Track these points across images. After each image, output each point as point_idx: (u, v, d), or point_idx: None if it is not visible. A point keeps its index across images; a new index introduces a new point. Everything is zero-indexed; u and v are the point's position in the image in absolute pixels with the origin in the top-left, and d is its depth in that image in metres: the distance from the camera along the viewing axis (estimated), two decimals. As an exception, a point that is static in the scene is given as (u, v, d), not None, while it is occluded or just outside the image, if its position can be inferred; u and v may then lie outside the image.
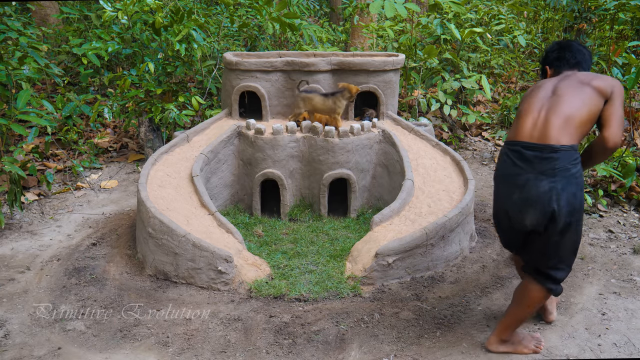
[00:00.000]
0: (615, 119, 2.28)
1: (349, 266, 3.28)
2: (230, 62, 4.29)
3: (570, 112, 2.28)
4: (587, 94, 2.31)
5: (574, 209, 2.24)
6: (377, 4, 4.95)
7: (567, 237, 2.29)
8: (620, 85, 2.34)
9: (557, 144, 2.24)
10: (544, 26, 8.19)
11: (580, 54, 2.52)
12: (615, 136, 2.26)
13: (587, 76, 2.38)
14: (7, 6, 5.52)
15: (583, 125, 2.28)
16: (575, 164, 2.24)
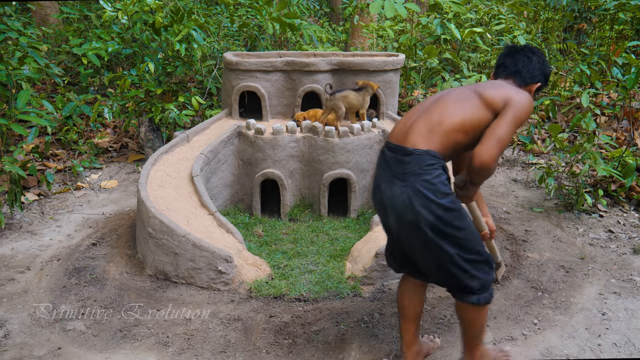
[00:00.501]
0: (492, 136, 2.04)
1: (349, 266, 3.28)
2: (230, 62, 4.30)
3: (439, 119, 2.12)
4: (471, 103, 2.13)
5: (435, 217, 2.03)
6: (377, 4, 4.95)
7: (445, 248, 2.07)
8: (523, 104, 2.10)
9: (412, 147, 2.09)
10: (544, 26, 8.19)
11: (525, 61, 2.31)
12: (483, 155, 2.02)
13: (489, 86, 2.20)
14: (7, 6, 5.52)
15: (452, 133, 2.10)
16: (428, 171, 2.05)
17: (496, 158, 2.04)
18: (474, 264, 2.12)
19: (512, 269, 3.39)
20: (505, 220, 4.17)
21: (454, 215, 2.07)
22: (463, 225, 2.09)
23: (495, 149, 2.03)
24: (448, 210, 2.05)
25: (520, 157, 5.66)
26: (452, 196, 2.08)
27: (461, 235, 2.08)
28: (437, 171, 2.07)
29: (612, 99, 6.51)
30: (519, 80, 2.31)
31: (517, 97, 2.11)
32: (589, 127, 4.24)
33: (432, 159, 2.07)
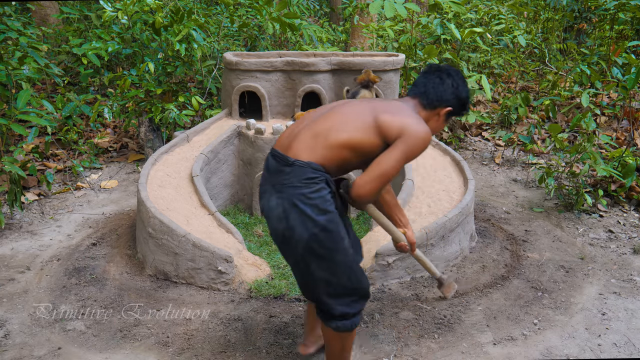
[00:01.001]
0: (376, 169, 1.95)
1: (349, 266, 3.28)
2: (230, 62, 4.30)
3: (326, 132, 2.00)
4: (363, 124, 2.01)
5: (310, 234, 1.92)
6: (377, 4, 4.95)
7: (314, 266, 1.97)
8: (417, 139, 1.98)
9: (293, 157, 1.97)
10: (544, 26, 8.19)
11: (436, 82, 2.17)
12: (362, 188, 1.95)
13: (388, 108, 2.06)
14: (7, 6, 5.52)
15: (338, 149, 1.98)
16: (308, 184, 1.93)
17: (376, 192, 1.97)
18: (339, 290, 2.02)
19: (512, 269, 3.39)
20: (505, 220, 4.17)
21: (329, 237, 1.95)
22: (336, 247, 1.97)
23: (376, 184, 1.96)
24: (324, 229, 1.93)
25: (520, 157, 5.66)
26: (332, 215, 1.95)
27: (332, 258, 1.97)
28: (317, 185, 1.95)
29: (612, 99, 6.52)
30: (424, 102, 2.17)
31: (412, 130, 1.99)
32: (589, 127, 4.24)
33: (314, 172, 1.95)
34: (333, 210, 1.97)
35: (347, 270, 2.02)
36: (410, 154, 1.99)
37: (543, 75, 7.17)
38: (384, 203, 2.37)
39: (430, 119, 2.19)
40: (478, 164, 5.52)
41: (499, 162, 5.54)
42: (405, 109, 2.09)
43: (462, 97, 2.19)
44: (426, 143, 2.02)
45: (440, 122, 2.21)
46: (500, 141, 6.06)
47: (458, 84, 2.18)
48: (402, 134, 1.98)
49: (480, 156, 5.74)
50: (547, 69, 6.88)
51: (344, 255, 2.00)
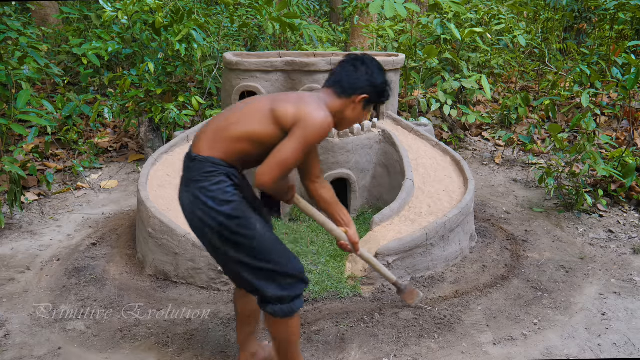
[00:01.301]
0: (275, 157, 1.97)
1: (349, 266, 3.28)
2: (230, 62, 4.29)
3: (226, 126, 2.06)
4: (261, 115, 2.05)
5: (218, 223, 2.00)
6: (377, 4, 4.95)
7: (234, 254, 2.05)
8: (313, 125, 1.99)
9: (196, 153, 2.06)
10: (544, 26, 8.19)
11: (350, 70, 2.19)
12: (262, 176, 1.97)
13: (286, 98, 2.09)
14: (7, 6, 5.52)
15: (236, 142, 2.03)
16: (207, 177, 2.01)
17: (277, 180, 1.99)
18: (266, 274, 2.07)
19: (512, 269, 3.39)
20: (505, 220, 4.17)
21: (238, 223, 2.01)
22: (250, 233, 2.03)
23: (275, 172, 1.97)
24: (230, 217, 2.00)
25: (520, 157, 5.66)
26: (235, 204, 2.01)
27: (249, 243, 2.03)
28: (216, 178, 2.02)
29: (612, 99, 6.52)
30: (339, 91, 2.18)
31: (309, 117, 2.00)
32: (589, 127, 4.24)
33: (213, 166, 2.02)
34: (235, 200, 2.03)
35: (268, 254, 2.06)
36: (308, 141, 2.00)
37: (543, 75, 7.17)
38: (321, 200, 2.41)
39: (347, 107, 2.20)
40: (478, 164, 5.52)
41: (499, 162, 5.55)
42: (306, 97, 2.11)
43: (377, 84, 2.21)
44: (324, 129, 2.02)
45: (358, 110, 2.22)
46: (500, 141, 6.06)
47: (372, 71, 2.20)
48: (298, 121, 2.00)
49: (480, 156, 5.74)
50: (547, 69, 6.88)
51: (260, 240, 2.05)
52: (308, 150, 2.03)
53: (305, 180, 2.40)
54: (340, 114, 2.20)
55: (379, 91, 2.24)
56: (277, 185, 2.01)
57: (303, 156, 2.02)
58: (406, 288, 2.90)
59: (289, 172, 2.03)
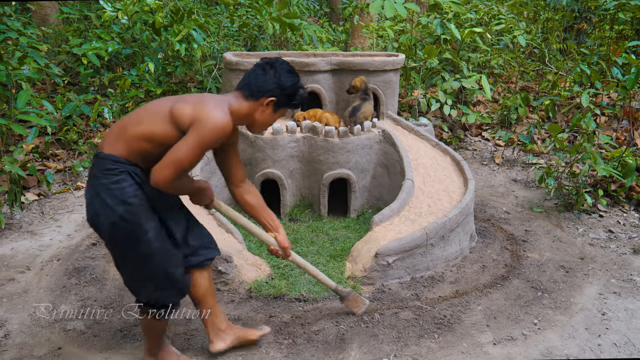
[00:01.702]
0: (170, 156, 2.00)
1: (349, 266, 3.28)
2: (230, 62, 4.29)
3: (127, 125, 2.09)
4: (160, 115, 2.08)
5: (111, 223, 2.04)
6: (377, 4, 4.95)
7: (118, 252, 2.13)
8: (208, 126, 2.01)
9: (101, 150, 2.09)
10: (544, 26, 8.19)
11: (258, 73, 2.21)
12: (156, 176, 2.00)
13: (186, 99, 2.13)
14: (7, 6, 5.52)
15: (136, 141, 2.06)
16: (107, 175, 2.04)
17: (170, 179, 2.01)
18: (145, 280, 2.17)
19: (512, 269, 3.39)
20: (505, 220, 4.17)
21: (129, 227, 2.05)
22: (137, 240, 2.08)
23: (169, 171, 1.99)
24: (122, 219, 2.04)
25: (520, 157, 5.66)
26: (132, 207, 2.04)
27: (134, 248, 2.09)
28: (116, 177, 2.04)
29: (612, 99, 6.52)
30: (246, 93, 2.20)
31: (205, 117, 2.02)
32: (589, 127, 4.24)
33: (113, 163, 2.05)
34: (133, 202, 2.05)
35: (150, 262, 2.14)
36: (203, 141, 2.02)
37: (543, 75, 7.17)
38: (247, 205, 2.44)
39: (256, 110, 2.22)
40: (478, 164, 5.52)
41: (499, 162, 5.55)
42: (206, 98, 2.13)
43: (285, 86, 2.21)
44: (219, 130, 2.04)
45: (267, 113, 2.23)
46: (500, 141, 6.06)
47: (280, 74, 2.21)
48: (195, 121, 2.03)
49: (480, 156, 5.74)
50: (547, 69, 6.88)
51: (146, 247, 2.10)
52: (204, 151, 2.05)
53: (229, 184, 2.44)
54: (250, 117, 2.22)
55: (287, 94, 2.23)
56: (173, 184, 2.04)
57: (199, 157, 2.05)
58: (349, 295, 2.80)
59: (183, 172, 2.05)
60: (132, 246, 2.10)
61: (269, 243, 2.51)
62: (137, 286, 2.22)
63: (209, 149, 2.08)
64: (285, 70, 2.23)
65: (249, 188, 2.46)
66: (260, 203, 2.48)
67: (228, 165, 2.39)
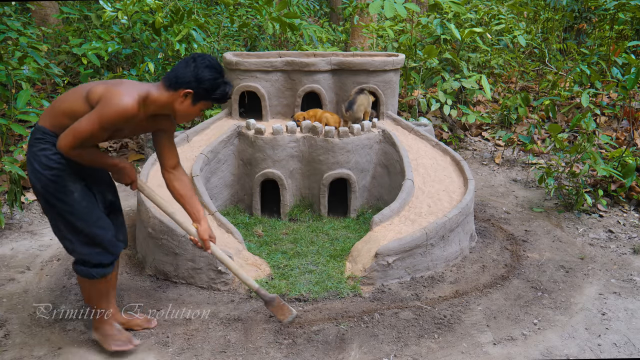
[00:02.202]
0: (73, 127, 2.22)
1: (349, 266, 3.28)
2: (230, 62, 4.30)
3: (56, 102, 2.35)
4: (81, 94, 2.30)
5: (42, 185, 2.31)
6: (376, 4, 4.95)
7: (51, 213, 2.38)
8: (108, 103, 2.20)
9: (37, 123, 2.36)
10: (544, 26, 8.19)
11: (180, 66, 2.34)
12: (60, 140, 2.23)
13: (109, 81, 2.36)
14: (7, 6, 5.52)
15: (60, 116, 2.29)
16: (35, 144, 2.31)
17: (71, 147, 2.22)
18: (73, 236, 2.40)
19: (512, 269, 3.39)
20: (505, 220, 4.17)
21: (56, 188, 2.31)
22: (67, 200, 2.33)
23: (68, 140, 2.21)
24: (51, 181, 2.30)
25: (520, 157, 5.66)
26: (56, 171, 2.30)
27: (63, 207, 2.33)
28: (42, 145, 2.30)
29: (612, 99, 6.52)
30: (167, 84, 2.34)
31: (110, 97, 2.22)
32: (589, 127, 4.24)
33: (42, 134, 2.31)
34: (57, 167, 2.31)
35: (78, 220, 2.37)
36: (102, 118, 2.20)
37: (543, 75, 7.17)
38: (175, 193, 2.60)
39: (175, 101, 2.35)
40: (478, 164, 5.52)
41: (499, 162, 5.55)
42: (124, 83, 2.32)
43: (203, 79, 2.31)
44: (120, 110, 2.20)
45: (186, 104, 2.35)
46: (500, 141, 6.06)
47: (199, 67, 2.31)
48: (100, 99, 2.24)
49: (480, 156, 5.74)
50: (547, 69, 6.88)
51: (74, 206, 2.35)
52: (103, 128, 2.21)
53: (162, 170, 2.61)
54: (170, 106, 2.36)
55: (205, 87, 2.32)
56: (73, 152, 2.24)
57: (98, 132, 2.22)
58: (274, 301, 2.72)
59: (83, 142, 2.23)
60: (61, 205, 2.34)
61: (190, 233, 2.60)
62: (68, 242, 2.42)
63: (108, 128, 2.23)
64: (205, 65, 2.32)
65: (180, 176, 2.61)
66: (188, 192, 2.61)
67: (160, 150, 2.56)
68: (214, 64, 2.33)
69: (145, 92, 2.30)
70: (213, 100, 2.39)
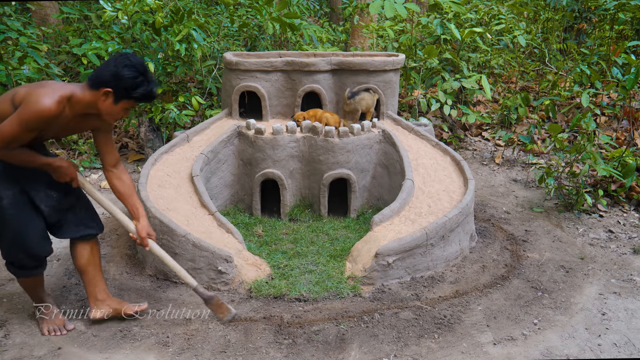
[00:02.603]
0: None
1: (349, 266, 3.28)
2: (230, 62, 4.30)
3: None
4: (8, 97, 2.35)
5: None
6: (377, 4, 4.95)
7: None
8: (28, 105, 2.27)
9: None
10: (544, 26, 8.19)
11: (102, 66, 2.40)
12: None
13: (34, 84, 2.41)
14: (7, 6, 5.52)
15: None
16: None
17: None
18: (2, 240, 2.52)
19: (512, 269, 3.39)
20: (505, 220, 4.17)
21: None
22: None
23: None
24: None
25: (520, 157, 5.66)
26: None
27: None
28: None
29: (612, 99, 6.52)
30: (89, 83, 2.39)
31: (31, 98, 2.27)
32: (589, 127, 4.24)
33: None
34: None
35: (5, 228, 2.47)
36: (22, 120, 2.26)
37: (543, 75, 7.17)
38: (115, 191, 2.68)
39: (98, 100, 2.40)
40: (478, 164, 5.52)
41: (499, 162, 5.55)
42: (47, 84, 2.37)
43: (122, 78, 2.34)
44: (40, 111, 2.26)
45: (107, 103, 2.40)
46: (500, 141, 6.06)
47: (118, 66, 2.35)
48: (22, 102, 2.30)
49: (480, 156, 5.74)
50: (547, 69, 6.88)
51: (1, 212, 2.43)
52: (25, 129, 2.27)
53: (103, 168, 2.70)
54: (94, 106, 2.41)
55: (124, 87, 2.36)
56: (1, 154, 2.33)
57: (20, 133, 2.27)
58: (212, 299, 2.75)
59: (8, 145, 2.30)
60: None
61: (128, 229, 2.67)
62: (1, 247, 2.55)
63: (31, 128, 2.29)
64: (124, 64, 2.36)
65: (120, 174, 2.69)
66: (127, 190, 2.68)
67: (99, 149, 2.66)
68: (134, 63, 2.37)
69: (69, 93, 2.35)
70: (135, 100, 2.42)
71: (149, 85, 2.41)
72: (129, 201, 2.68)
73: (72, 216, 2.66)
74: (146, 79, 2.40)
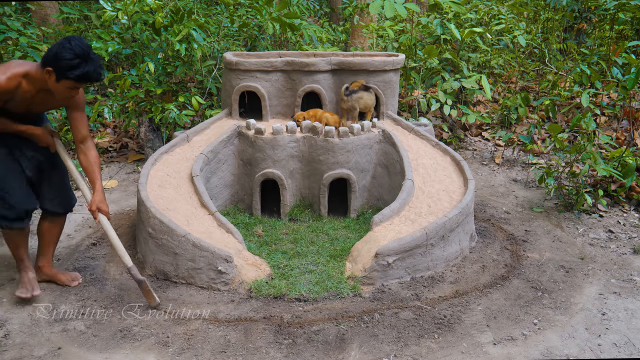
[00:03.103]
0: None
1: (349, 266, 3.28)
2: (230, 62, 4.30)
3: None
4: None
5: None
6: (377, 4, 4.95)
7: None
8: None
9: None
10: (544, 26, 8.19)
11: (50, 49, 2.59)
12: None
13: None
14: (7, 6, 5.51)
15: None
16: None
17: None
18: None
19: (512, 269, 3.39)
20: (505, 220, 4.17)
21: None
22: None
23: None
24: None
25: (520, 157, 5.66)
26: None
27: None
28: None
29: (612, 99, 6.52)
30: (40, 63, 2.63)
31: None
32: (589, 127, 4.24)
33: None
34: None
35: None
36: None
37: (543, 75, 7.17)
38: (81, 165, 2.94)
39: (48, 79, 2.62)
40: (478, 164, 5.52)
41: (499, 162, 5.55)
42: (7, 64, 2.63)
43: (60, 58, 2.54)
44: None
45: (51, 81, 2.62)
46: (500, 141, 6.06)
47: (59, 47, 2.55)
48: None
49: (480, 156, 5.74)
50: (547, 69, 6.88)
51: None
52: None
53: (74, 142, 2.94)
54: (45, 84, 2.65)
55: (62, 66, 2.55)
56: None
57: None
58: (142, 284, 2.90)
59: None
60: None
61: (87, 202, 2.93)
62: None
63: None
64: (65, 46, 2.55)
65: (86, 150, 2.93)
66: (89, 166, 2.93)
67: (70, 125, 2.90)
68: (74, 45, 2.54)
69: (24, 70, 2.61)
70: (74, 80, 2.59)
71: (86, 67, 2.56)
72: (89, 175, 2.93)
73: (47, 190, 3.01)
74: (84, 61, 2.56)
